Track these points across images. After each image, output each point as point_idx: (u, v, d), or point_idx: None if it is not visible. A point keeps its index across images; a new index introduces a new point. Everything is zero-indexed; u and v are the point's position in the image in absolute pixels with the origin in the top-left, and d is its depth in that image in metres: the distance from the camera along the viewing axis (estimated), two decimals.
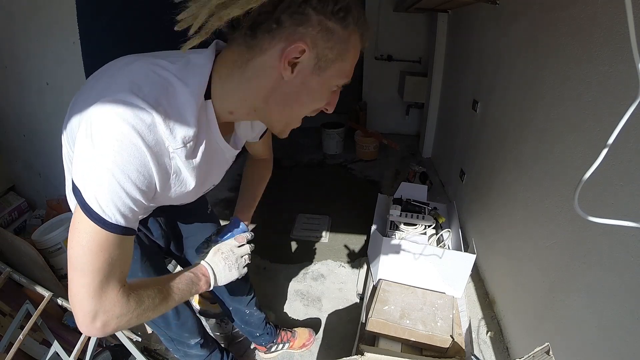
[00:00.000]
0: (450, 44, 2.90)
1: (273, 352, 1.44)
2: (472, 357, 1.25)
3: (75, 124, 0.54)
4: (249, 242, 0.84)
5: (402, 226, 1.75)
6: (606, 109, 0.95)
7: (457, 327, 1.23)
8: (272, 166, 1.04)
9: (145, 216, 0.88)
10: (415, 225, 1.74)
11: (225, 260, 0.76)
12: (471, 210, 2.08)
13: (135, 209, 0.52)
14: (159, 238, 0.96)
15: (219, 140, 0.64)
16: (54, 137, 1.66)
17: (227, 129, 0.71)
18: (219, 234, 0.87)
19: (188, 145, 0.57)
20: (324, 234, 2.26)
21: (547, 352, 0.71)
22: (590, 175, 0.54)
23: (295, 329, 1.50)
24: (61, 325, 1.41)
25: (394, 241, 1.48)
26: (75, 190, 0.49)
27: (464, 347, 1.17)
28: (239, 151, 0.76)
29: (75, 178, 0.50)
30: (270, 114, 0.61)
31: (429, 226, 1.75)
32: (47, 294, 1.28)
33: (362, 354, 0.86)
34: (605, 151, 0.53)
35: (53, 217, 1.68)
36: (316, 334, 1.51)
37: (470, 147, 2.19)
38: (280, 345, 1.43)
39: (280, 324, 1.52)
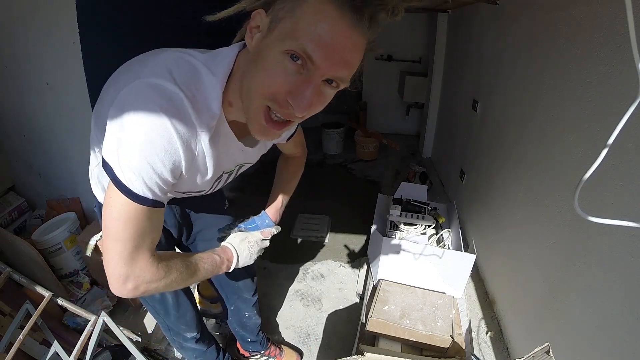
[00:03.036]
0: (450, 44, 2.90)
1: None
2: (472, 357, 1.25)
3: (106, 107, 0.56)
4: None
5: (402, 226, 1.75)
6: (606, 109, 0.95)
7: (457, 327, 1.23)
8: (304, 162, 1.06)
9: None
10: (415, 225, 1.74)
11: (250, 249, 0.83)
12: (471, 210, 2.08)
13: (162, 185, 0.54)
14: (172, 227, 0.97)
15: (227, 131, 0.62)
16: (54, 137, 1.66)
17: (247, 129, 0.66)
18: (244, 222, 0.94)
19: (212, 130, 0.58)
20: (324, 234, 2.26)
21: (547, 352, 0.71)
22: (590, 175, 0.54)
23: (284, 347, 1.48)
24: (61, 325, 1.41)
25: (394, 241, 1.48)
26: (106, 165, 0.52)
27: (464, 347, 1.17)
28: (261, 153, 0.79)
29: (105, 154, 0.52)
30: (241, 97, 0.56)
31: (429, 226, 1.75)
32: (47, 294, 1.28)
33: (362, 354, 0.86)
34: (605, 151, 0.53)
35: (53, 217, 1.68)
36: (302, 358, 1.49)
37: (470, 147, 2.19)
38: (265, 358, 1.41)
39: (271, 332, 1.50)
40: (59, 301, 1.32)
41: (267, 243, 0.89)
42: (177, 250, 1.05)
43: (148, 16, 1.71)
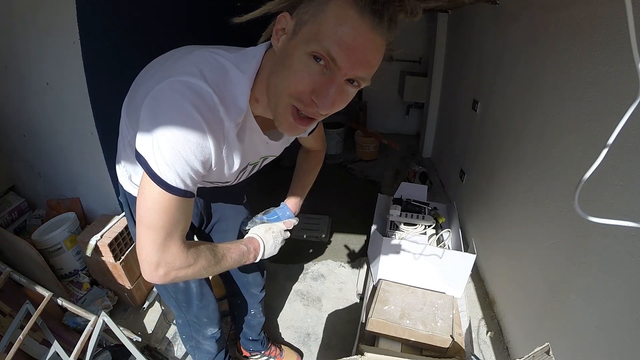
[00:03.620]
0: (450, 44, 2.90)
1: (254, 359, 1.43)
2: (472, 357, 1.25)
3: (140, 99, 0.59)
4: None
5: (402, 226, 1.75)
6: (606, 109, 0.95)
7: (457, 327, 1.23)
8: (323, 156, 1.08)
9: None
10: (415, 225, 1.74)
11: (274, 239, 0.85)
12: (471, 210, 2.08)
13: (194, 176, 0.57)
14: (194, 217, 0.98)
15: (254, 125, 0.66)
16: (54, 137, 1.66)
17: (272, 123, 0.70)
18: (266, 214, 0.95)
19: (239, 125, 0.61)
20: (324, 234, 2.26)
21: (547, 352, 0.71)
22: (590, 175, 0.54)
23: (284, 347, 1.48)
24: (61, 325, 1.41)
25: (394, 241, 1.48)
26: (140, 157, 0.55)
27: (464, 347, 1.17)
28: (284, 146, 0.82)
29: (139, 147, 0.55)
30: (268, 95, 0.59)
31: (429, 226, 1.75)
32: (47, 294, 1.28)
33: (362, 354, 0.86)
34: (605, 151, 0.53)
35: (53, 217, 1.68)
36: (302, 359, 1.49)
37: (470, 147, 2.19)
38: (265, 358, 1.42)
39: (272, 332, 1.50)
40: (59, 301, 1.32)
41: (289, 234, 0.92)
42: (196, 238, 1.07)
43: (149, 16, 1.71)
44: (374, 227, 1.73)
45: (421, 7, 0.50)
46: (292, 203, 1.00)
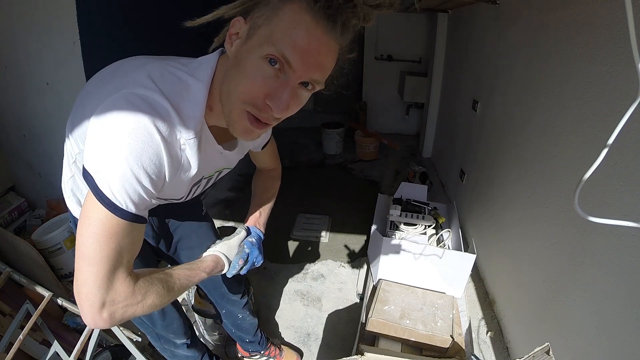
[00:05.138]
0: (450, 44, 2.90)
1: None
2: (472, 357, 1.25)
3: (88, 113, 0.54)
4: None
5: (402, 226, 1.75)
6: (606, 109, 0.95)
7: (457, 327, 1.23)
8: (279, 175, 1.04)
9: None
10: (415, 225, 1.75)
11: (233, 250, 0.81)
12: (471, 210, 2.08)
13: (145, 197, 0.53)
14: (149, 237, 0.96)
15: (208, 135, 0.63)
16: (54, 137, 1.66)
17: (229, 135, 0.71)
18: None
19: (198, 135, 0.59)
20: (324, 234, 2.26)
21: (547, 352, 0.71)
22: (590, 175, 0.54)
23: (284, 347, 1.48)
24: (61, 325, 1.41)
25: (394, 241, 1.48)
26: (87, 176, 0.50)
27: (464, 347, 1.17)
28: (239, 157, 0.80)
29: (87, 164, 0.50)
30: (222, 102, 0.58)
31: (429, 226, 1.75)
32: (47, 294, 1.28)
33: (362, 354, 0.86)
34: (605, 151, 0.53)
35: (53, 217, 1.68)
36: (302, 358, 1.49)
37: (470, 147, 2.19)
38: (265, 358, 1.41)
39: (271, 332, 1.50)
40: (59, 301, 1.32)
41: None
42: (159, 261, 1.05)
43: (148, 17, 1.71)
44: (374, 227, 1.73)
45: (374, 13, 0.50)
46: (251, 223, 0.94)
